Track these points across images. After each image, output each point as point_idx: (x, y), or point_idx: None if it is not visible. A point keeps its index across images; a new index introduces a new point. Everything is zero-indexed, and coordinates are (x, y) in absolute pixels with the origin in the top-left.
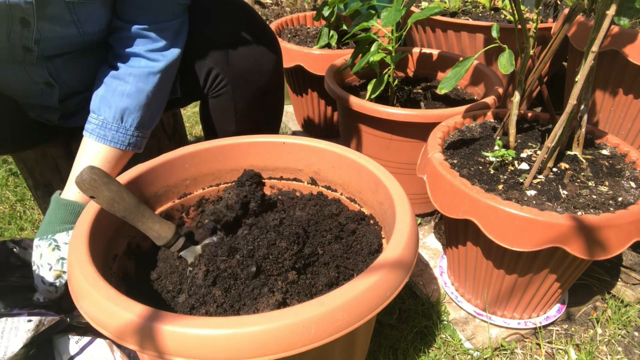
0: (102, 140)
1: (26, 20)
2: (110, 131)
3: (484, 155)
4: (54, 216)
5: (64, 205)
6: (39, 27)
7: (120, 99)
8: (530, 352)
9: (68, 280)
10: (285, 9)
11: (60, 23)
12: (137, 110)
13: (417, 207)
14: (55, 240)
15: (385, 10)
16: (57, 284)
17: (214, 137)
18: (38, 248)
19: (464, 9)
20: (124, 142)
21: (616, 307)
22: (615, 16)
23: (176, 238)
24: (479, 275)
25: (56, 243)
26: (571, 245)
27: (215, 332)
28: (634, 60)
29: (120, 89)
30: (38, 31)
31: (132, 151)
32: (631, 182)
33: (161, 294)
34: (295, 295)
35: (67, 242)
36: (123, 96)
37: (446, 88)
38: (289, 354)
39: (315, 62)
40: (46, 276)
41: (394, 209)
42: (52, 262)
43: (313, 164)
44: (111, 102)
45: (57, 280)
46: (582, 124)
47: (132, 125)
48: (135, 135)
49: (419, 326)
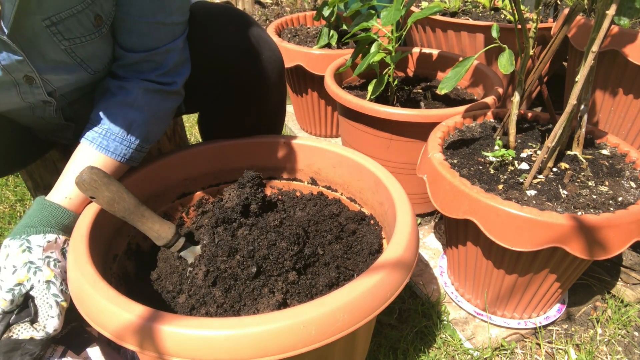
0: (104, 150)
1: (29, 77)
2: (113, 142)
3: (484, 155)
4: (34, 217)
5: (46, 207)
6: (45, 79)
7: (129, 110)
8: (530, 352)
9: (68, 280)
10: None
11: (66, 70)
12: (144, 124)
13: (417, 207)
14: (29, 242)
15: (385, 10)
16: (14, 292)
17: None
18: (6, 248)
19: (464, 8)
20: (125, 155)
21: (616, 307)
22: (615, 16)
23: (176, 238)
24: (479, 275)
25: (28, 244)
26: (571, 245)
27: (215, 333)
28: (634, 60)
29: (128, 100)
30: (47, 84)
31: (128, 165)
32: (631, 182)
33: (161, 294)
34: (295, 295)
35: (41, 245)
36: (131, 108)
37: (446, 88)
38: (290, 354)
39: (315, 62)
40: (5, 280)
41: (395, 209)
42: (17, 265)
43: (313, 164)
44: (118, 113)
45: (17, 288)
46: (582, 124)
47: (137, 139)
48: (137, 150)
49: (419, 326)
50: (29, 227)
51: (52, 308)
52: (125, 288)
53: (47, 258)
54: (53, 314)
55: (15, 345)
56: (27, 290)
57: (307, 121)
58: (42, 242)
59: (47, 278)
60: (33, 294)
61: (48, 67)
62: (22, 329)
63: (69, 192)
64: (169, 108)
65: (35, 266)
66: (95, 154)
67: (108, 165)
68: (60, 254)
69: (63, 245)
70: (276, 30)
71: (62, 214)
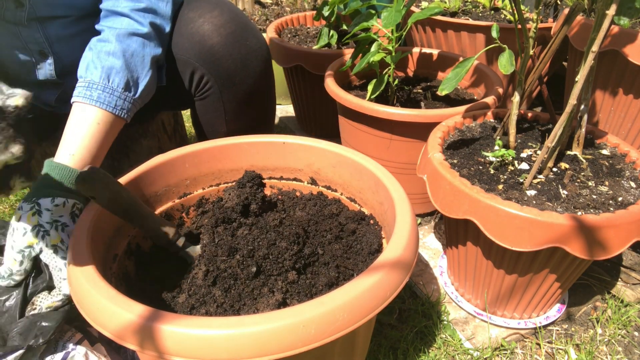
0: (88, 100)
1: None
2: (96, 91)
3: (484, 155)
4: (44, 179)
5: (54, 168)
6: None
7: (106, 58)
8: (530, 352)
9: (68, 281)
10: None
11: None
12: (123, 70)
13: (417, 207)
14: (38, 205)
15: (386, 11)
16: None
17: (205, 139)
18: (20, 210)
19: (464, 8)
20: (110, 103)
21: (616, 307)
22: (615, 16)
23: (176, 238)
24: (479, 275)
25: (38, 207)
26: (571, 245)
27: (215, 332)
28: (634, 60)
29: (105, 49)
30: None
31: (120, 117)
32: (631, 182)
33: (161, 294)
34: (295, 295)
35: (49, 208)
36: (109, 56)
37: (447, 89)
38: (289, 354)
39: (315, 62)
40: (17, 241)
41: (394, 209)
42: (27, 228)
43: (313, 163)
44: (97, 63)
45: (27, 250)
46: (582, 124)
47: (119, 86)
48: (122, 98)
49: (419, 326)
50: (39, 190)
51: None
52: (126, 288)
53: (55, 222)
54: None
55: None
56: (36, 254)
57: (307, 121)
58: (50, 205)
59: (53, 242)
60: (42, 258)
61: None
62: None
63: (72, 148)
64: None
65: (44, 229)
66: (82, 106)
67: (98, 116)
68: (69, 217)
69: (72, 208)
70: (276, 30)
71: (68, 173)
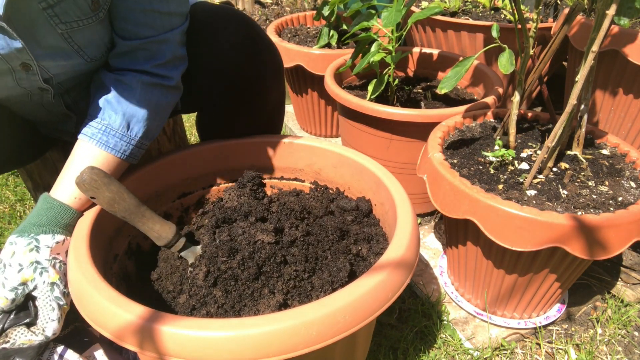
0: (103, 146)
1: (26, 64)
2: (113, 138)
3: (484, 155)
4: (42, 216)
5: (55, 207)
6: (42, 66)
7: (128, 105)
8: (530, 352)
9: (68, 281)
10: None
11: (63, 56)
12: (145, 120)
13: (417, 207)
14: (37, 241)
15: (386, 11)
16: (17, 292)
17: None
18: (12, 245)
19: (464, 8)
20: (126, 152)
21: (616, 307)
22: (615, 16)
23: (176, 238)
24: (479, 275)
25: (37, 244)
26: (571, 245)
27: (216, 334)
28: (634, 60)
29: (127, 95)
30: (43, 70)
31: (128, 162)
32: (631, 181)
33: (162, 294)
34: (296, 296)
35: (49, 245)
36: (131, 103)
37: (446, 88)
38: (290, 355)
39: (315, 62)
40: (10, 278)
41: (395, 209)
42: (24, 264)
43: (314, 164)
44: (117, 107)
45: (21, 287)
46: (582, 123)
47: (137, 135)
48: (137, 146)
49: (419, 326)
50: (37, 226)
51: (54, 311)
52: (126, 288)
53: (54, 259)
54: (54, 317)
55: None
56: (30, 291)
57: (307, 121)
58: (51, 242)
59: (52, 280)
60: (36, 294)
61: (45, 53)
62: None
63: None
64: (168, 103)
65: (42, 267)
66: (94, 150)
67: (108, 162)
68: (65, 256)
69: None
70: (276, 30)
71: (70, 214)
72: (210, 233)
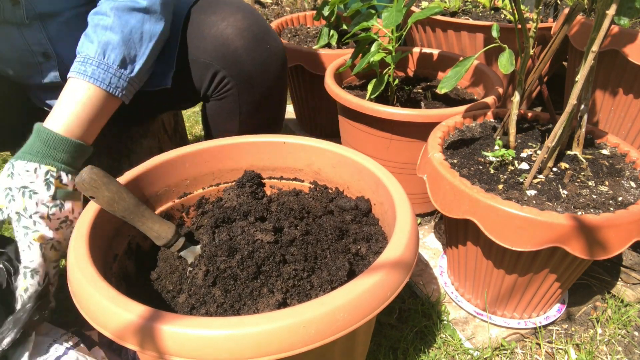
0: (82, 76)
1: None
2: (90, 66)
3: (484, 155)
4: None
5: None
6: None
7: (103, 33)
8: (530, 352)
9: (68, 281)
10: (285, 8)
11: None
12: (120, 46)
13: (417, 207)
14: (13, 167)
15: (386, 11)
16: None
17: (215, 138)
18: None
19: (464, 8)
20: (105, 80)
21: (616, 307)
22: (615, 16)
23: (176, 238)
24: (479, 275)
25: (12, 170)
26: (571, 245)
27: (215, 333)
28: (634, 60)
29: (102, 23)
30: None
31: (115, 95)
32: (631, 181)
33: (161, 294)
34: (295, 295)
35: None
36: (106, 30)
37: (446, 87)
38: (289, 354)
39: (315, 62)
40: None
41: (395, 209)
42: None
43: (313, 163)
44: (93, 37)
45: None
46: (582, 123)
47: (115, 62)
48: (117, 76)
49: (419, 326)
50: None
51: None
52: (126, 288)
53: (24, 188)
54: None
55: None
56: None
57: (307, 121)
58: (22, 170)
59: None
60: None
61: None
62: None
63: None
64: (148, 30)
65: (12, 194)
66: (77, 82)
67: (90, 92)
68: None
69: (46, 175)
70: (276, 30)
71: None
72: (209, 233)
